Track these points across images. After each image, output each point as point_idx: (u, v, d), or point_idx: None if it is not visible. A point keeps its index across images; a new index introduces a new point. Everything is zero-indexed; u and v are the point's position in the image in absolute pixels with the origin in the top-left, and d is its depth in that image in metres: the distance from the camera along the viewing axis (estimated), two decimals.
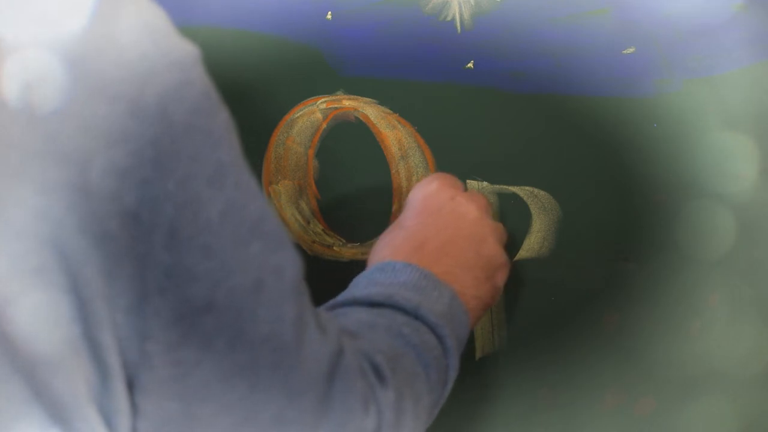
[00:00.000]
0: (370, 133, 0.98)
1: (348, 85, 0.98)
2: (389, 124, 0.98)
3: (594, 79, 0.96)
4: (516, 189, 0.97)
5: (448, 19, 0.97)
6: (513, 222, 0.96)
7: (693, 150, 0.95)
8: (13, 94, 0.56)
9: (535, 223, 0.97)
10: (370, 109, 0.98)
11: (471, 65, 0.97)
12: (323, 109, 0.98)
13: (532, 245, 0.97)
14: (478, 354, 0.97)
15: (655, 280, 0.96)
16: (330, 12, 0.98)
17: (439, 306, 0.80)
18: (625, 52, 0.96)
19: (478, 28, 0.97)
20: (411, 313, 0.78)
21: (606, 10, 0.96)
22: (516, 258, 0.97)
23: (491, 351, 0.97)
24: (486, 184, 0.97)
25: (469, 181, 0.97)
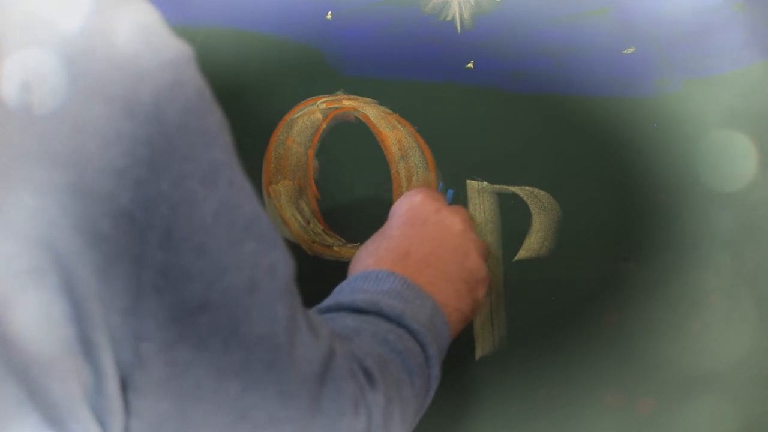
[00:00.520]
0: (370, 133, 0.98)
1: (348, 85, 0.98)
2: (389, 124, 0.98)
3: (594, 79, 0.96)
4: (516, 189, 0.97)
5: (448, 19, 0.97)
6: (513, 222, 0.96)
7: (693, 150, 0.95)
8: (8, 95, 0.56)
9: (535, 223, 0.97)
10: (370, 109, 0.98)
11: (471, 65, 0.97)
12: (323, 109, 0.98)
13: (532, 245, 0.97)
14: (478, 354, 0.97)
15: (655, 280, 0.96)
16: (330, 12, 0.98)
17: (421, 315, 0.81)
18: (625, 52, 0.96)
19: (478, 28, 0.97)
20: (395, 320, 0.79)
21: (606, 10, 0.96)
22: (516, 258, 0.97)
23: (491, 351, 0.97)
24: (486, 184, 0.97)
25: (469, 181, 0.97)
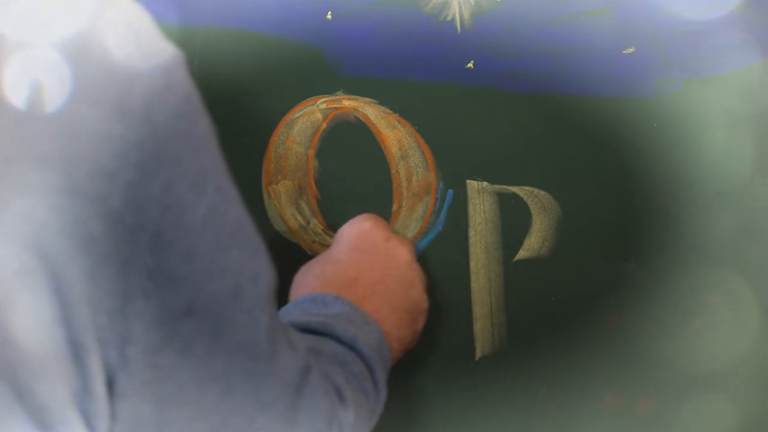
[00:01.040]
0: (370, 133, 0.98)
1: (348, 85, 0.98)
2: (389, 124, 0.98)
3: (594, 79, 0.96)
4: (516, 189, 0.97)
5: (448, 19, 0.97)
6: (513, 222, 0.96)
7: (693, 150, 0.95)
8: None
9: (535, 223, 0.97)
10: (370, 109, 0.98)
11: (471, 65, 0.97)
12: (323, 109, 0.98)
13: (532, 245, 0.97)
14: (478, 354, 0.97)
15: (655, 280, 0.96)
16: (330, 12, 0.98)
17: (371, 341, 0.81)
18: (625, 52, 0.96)
19: (478, 28, 0.97)
20: (347, 343, 0.79)
21: (606, 10, 0.96)
22: (516, 258, 0.97)
23: (491, 351, 0.97)
24: (486, 184, 0.97)
25: (469, 181, 0.97)
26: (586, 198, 0.96)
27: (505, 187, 0.97)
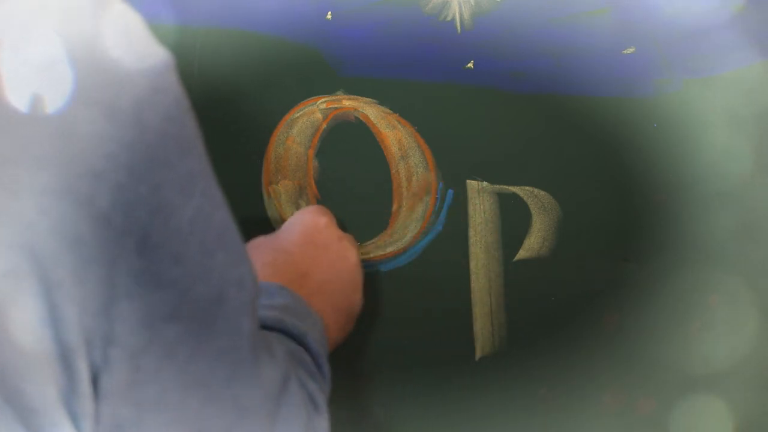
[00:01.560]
0: (370, 133, 0.98)
1: (348, 85, 0.98)
2: (389, 124, 0.98)
3: (594, 79, 0.96)
4: (516, 189, 0.97)
5: (448, 19, 0.97)
6: (513, 222, 0.96)
7: (693, 150, 0.95)
8: None
9: (535, 223, 0.97)
10: (370, 109, 0.98)
11: (471, 65, 0.97)
12: (323, 109, 0.98)
13: (532, 245, 0.97)
14: (478, 354, 0.97)
15: (655, 280, 0.96)
16: (330, 12, 0.98)
17: (316, 335, 0.81)
18: (625, 52, 0.96)
19: (478, 28, 0.97)
20: (297, 339, 0.79)
21: (606, 10, 0.96)
22: (516, 258, 0.97)
23: (491, 351, 0.97)
24: (486, 184, 0.97)
25: (469, 181, 0.97)
26: (586, 198, 0.96)
27: (505, 187, 0.97)
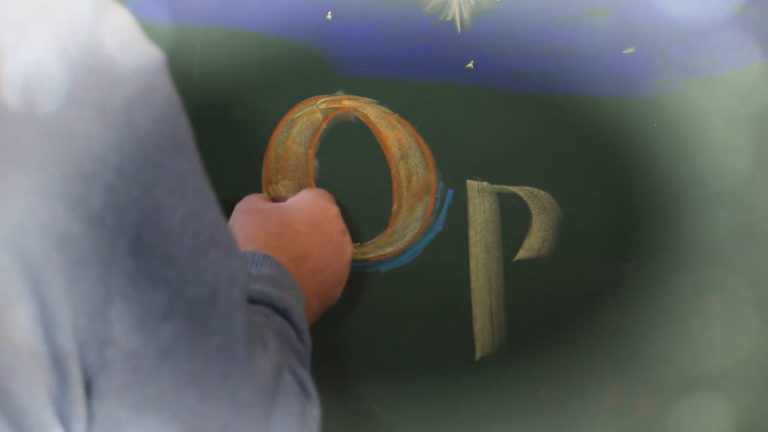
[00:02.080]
0: (370, 133, 0.98)
1: (347, 85, 0.98)
2: (389, 124, 0.98)
3: (594, 79, 0.96)
4: (516, 189, 0.97)
5: (448, 19, 0.97)
6: (513, 222, 0.96)
7: (693, 150, 0.95)
8: None
9: (535, 223, 0.97)
10: (370, 109, 0.98)
11: (471, 65, 0.97)
12: (323, 109, 0.98)
13: (532, 245, 0.97)
14: (478, 354, 0.97)
15: (655, 280, 0.96)
16: (330, 12, 0.98)
17: (301, 311, 0.81)
18: (625, 52, 0.96)
19: (478, 28, 0.97)
20: (282, 313, 0.79)
21: (606, 10, 0.96)
22: (516, 258, 0.97)
23: (491, 351, 0.97)
24: (486, 184, 0.97)
25: (469, 181, 0.97)
26: (586, 198, 0.96)
27: (505, 187, 0.97)
